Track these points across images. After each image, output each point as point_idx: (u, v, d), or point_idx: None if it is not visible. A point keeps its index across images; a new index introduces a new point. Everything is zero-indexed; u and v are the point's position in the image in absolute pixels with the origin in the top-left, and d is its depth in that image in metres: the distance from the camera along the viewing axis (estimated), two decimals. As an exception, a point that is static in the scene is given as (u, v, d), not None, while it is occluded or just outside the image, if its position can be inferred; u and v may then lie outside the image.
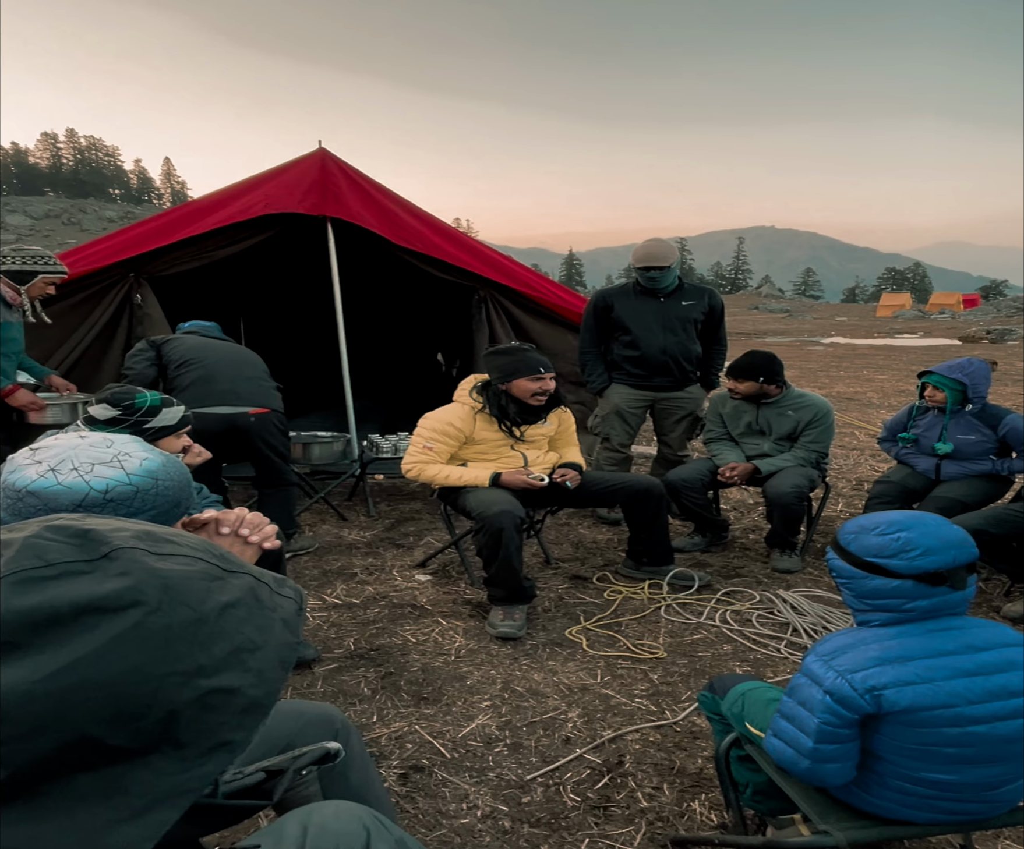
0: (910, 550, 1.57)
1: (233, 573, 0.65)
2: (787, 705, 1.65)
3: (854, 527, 1.70)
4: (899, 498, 3.95)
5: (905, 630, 1.60)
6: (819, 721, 1.54)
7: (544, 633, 3.26)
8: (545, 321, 5.82)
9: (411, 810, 2.14)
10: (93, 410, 2.54)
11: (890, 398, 10.58)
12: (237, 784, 0.95)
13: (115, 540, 0.60)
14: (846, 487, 5.65)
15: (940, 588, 1.57)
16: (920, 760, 1.53)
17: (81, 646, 0.53)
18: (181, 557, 0.62)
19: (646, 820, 2.11)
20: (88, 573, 0.56)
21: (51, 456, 1.26)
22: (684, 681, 2.88)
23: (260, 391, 4.13)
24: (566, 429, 3.87)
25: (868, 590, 1.63)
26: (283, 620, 0.68)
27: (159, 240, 5.05)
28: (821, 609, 3.42)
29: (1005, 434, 3.78)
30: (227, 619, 0.61)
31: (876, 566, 1.61)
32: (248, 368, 4.21)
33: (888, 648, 1.56)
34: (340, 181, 5.33)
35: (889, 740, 1.55)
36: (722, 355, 4.81)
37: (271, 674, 0.64)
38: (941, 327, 30.20)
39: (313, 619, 3.39)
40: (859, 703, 1.51)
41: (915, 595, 1.58)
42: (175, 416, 2.63)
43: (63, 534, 0.59)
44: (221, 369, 4.06)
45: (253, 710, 0.62)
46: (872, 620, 1.65)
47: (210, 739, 0.59)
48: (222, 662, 0.60)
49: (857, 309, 57.26)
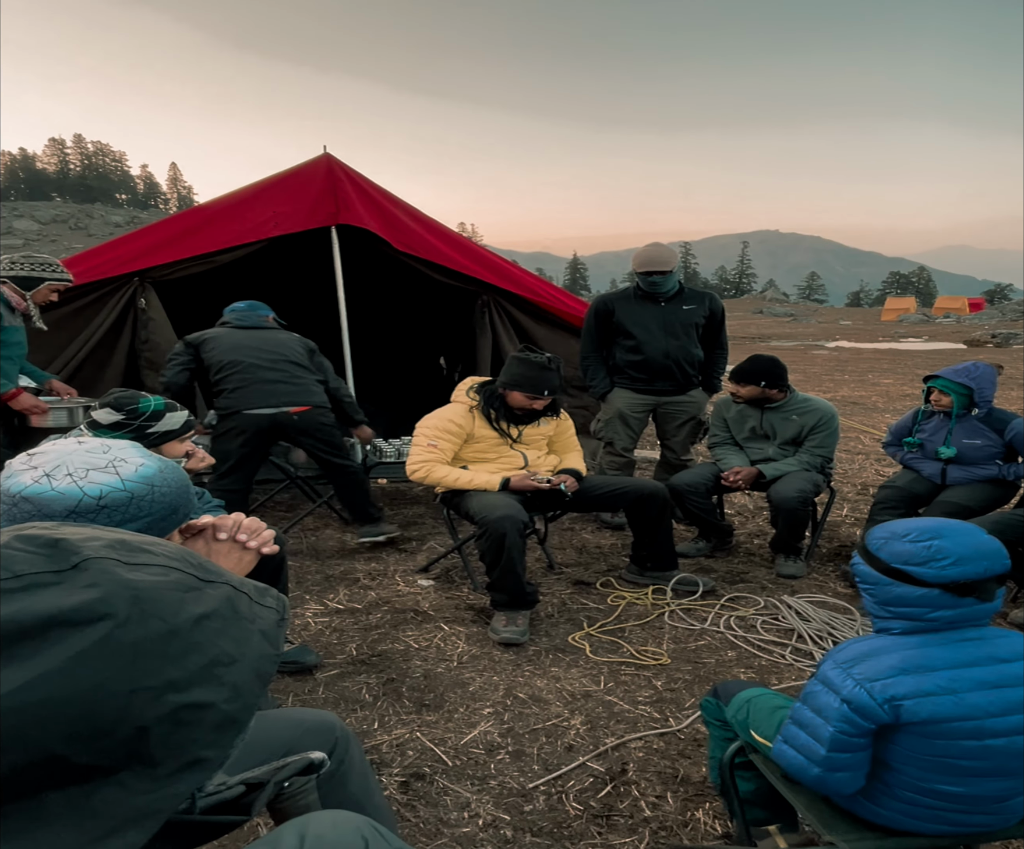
0: (941, 558, 1.52)
1: (210, 583, 0.64)
2: (800, 712, 1.62)
3: (885, 532, 1.65)
4: (904, 503, 3.92)
5: (928, 639, 1.55)
6: (834, 729, 1.51)
7: (547, 639, 3.24)
8: (548, 326, 5.82)
9: (412, 818, 2.12)
10: (97, 414, 2.55)
11: (895, 402, 10.54)
12: (218, 797, 0.93)
13: (86, 550, 0.58)
14: (851, 492, 5.63)
15: (967, 599, 1.53)
16: (933, 771, 1.51)
17: (47, 661, 0.51)
18: (155, 567, 0.61)
19: (649, 829, 2.08)
20: (56, 584, 0.55)
21: (47, 461, 1.25)
22: (688, 688, 2.85)
23: (299, 388, 4.18)
24: (564, 432, 3.87)
25: (891, 597, 1.59)
26: (262, 632, 0.66)
27: (167, 253, 5.08)
28: (826, 615, 3.39)
29: (1011, 439, 3.75)
30: (201, 631, 0.60)
31: (903, 573, 1.56)
32: (285, 363, 4.22)
33: (909, 657, 1.52)
34: (347, 187, 5.34)
35: (902, 750, 1.52)
36: (724, 359, 4.80)
37: (247, 688, 0.62)
38: (946, 331, 30.13)
39: (315, 624, 3.37)
40: (877, 713, 1.48)
41: (940, 604, 1.53)
42: (179, 420, 2.64)
43: (33, 544, 0.58)
44: (260, 368, 4.13)
45: (228, 726, 0.60)
46: (893, 628, 1.61)
47: (182, 756, 0.57)
48: (195, 676, 0.58)
49: (862, 313, 57.18)
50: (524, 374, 3.54)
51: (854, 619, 3.38)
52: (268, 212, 5.23)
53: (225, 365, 4.11)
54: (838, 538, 4.56)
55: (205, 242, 5.15)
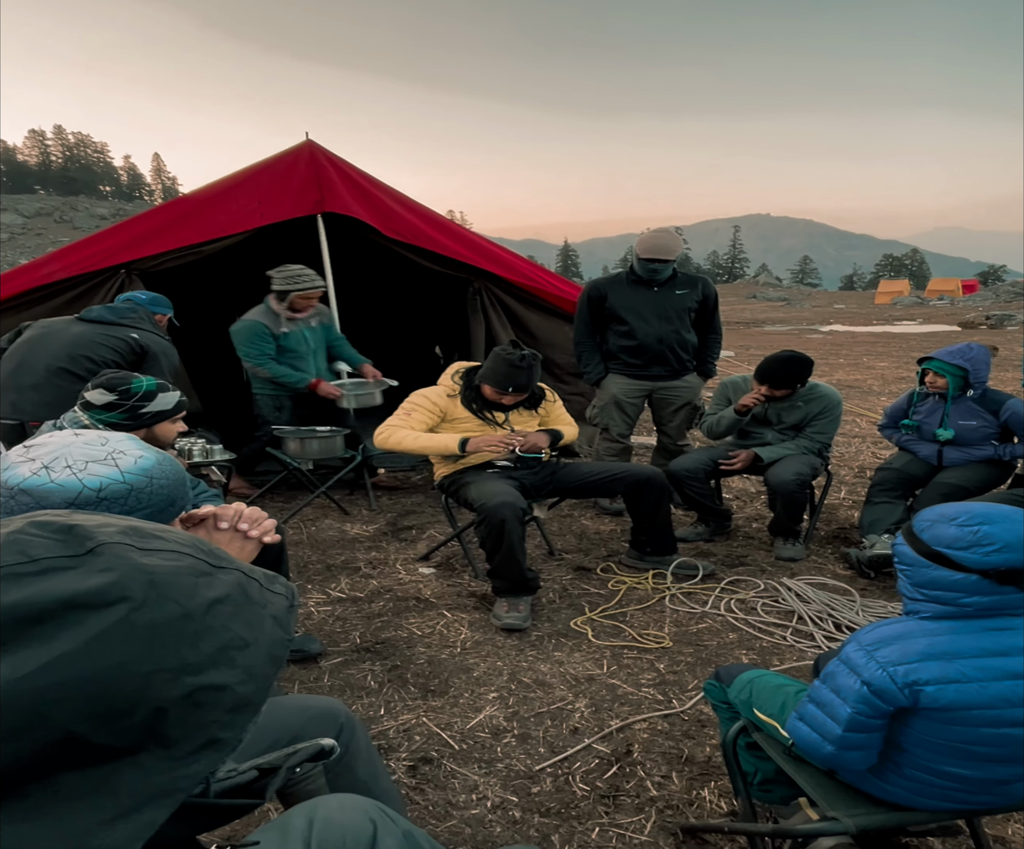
0: (986, 544, 1.49)
1: (221, 569, 0.65)
2: (819, 690, 1.62)
3: (933, 515, 1.61)
4: (901, 485, 3.96)
5: (958, 626, 1.53)
6: (852, 710, 1.52)
7: (549, 624, 3.27)
8: (541, 312, 5.81)
9: (421, 802, 2.14)
10: (90, 395, 2.54)
11: (891, 385, 10.57)
12: (230, 782, 0.95)
13: (100, 535, 0.59)
14: (848, 475, 5.66)
15: (1007, 587, 1.50)
16: (944, 755, 1.51)
17: (66, 642, 0.52)
18: (168, 553, 0.62)
19: (656, 808, 2.11)
20: (73, 569, 0.56)
21: (45, 453, 1.24)
22: (690, 670, 2.88)
23: (39, 401, 3.60)
24: (555, 411, 3.89)
25: (927, 580, 1.56)
26: (273, 617, 0.67)
27: (153, 244, 5.07)
28: (826, 596, 3.42)
29: (1007, 419, 3.78)
30: (215, 615, 0.61)
31: (943, 556, 1.54)
32: (53, 371, 3.67)
33: (937, 643, 1.50)
34: (331, 173, 5.32)
35: (916, 733, 1.52)
36: (718, 344, 4.80)
37: (261, 671, 0.63)
38: (940, 313, 30.17)
39: (318, 613, 3.39)
40: (897, 697, 1.48)
41: (976, 590, 1.51)
42: (171, 401, 2.63)
43: (48, 530, 0.59)
44: (25, 372, 3.69)
45: (243, 707, 0.61)
46: (922, 611, 1.59)
47: (199, 737, 0.58)
48: (210, 659, 0.59)
49: (855, 296, 57.18)
50: (495, 370, 3.59)
51: (853, 600, 3.41)
52: (253, 202, 5.21)
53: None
54: (836, 521, 4.59)
55: (191, 233, 5.14)
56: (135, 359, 3.81)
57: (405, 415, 3.63)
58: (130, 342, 3.80)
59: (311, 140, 5.42)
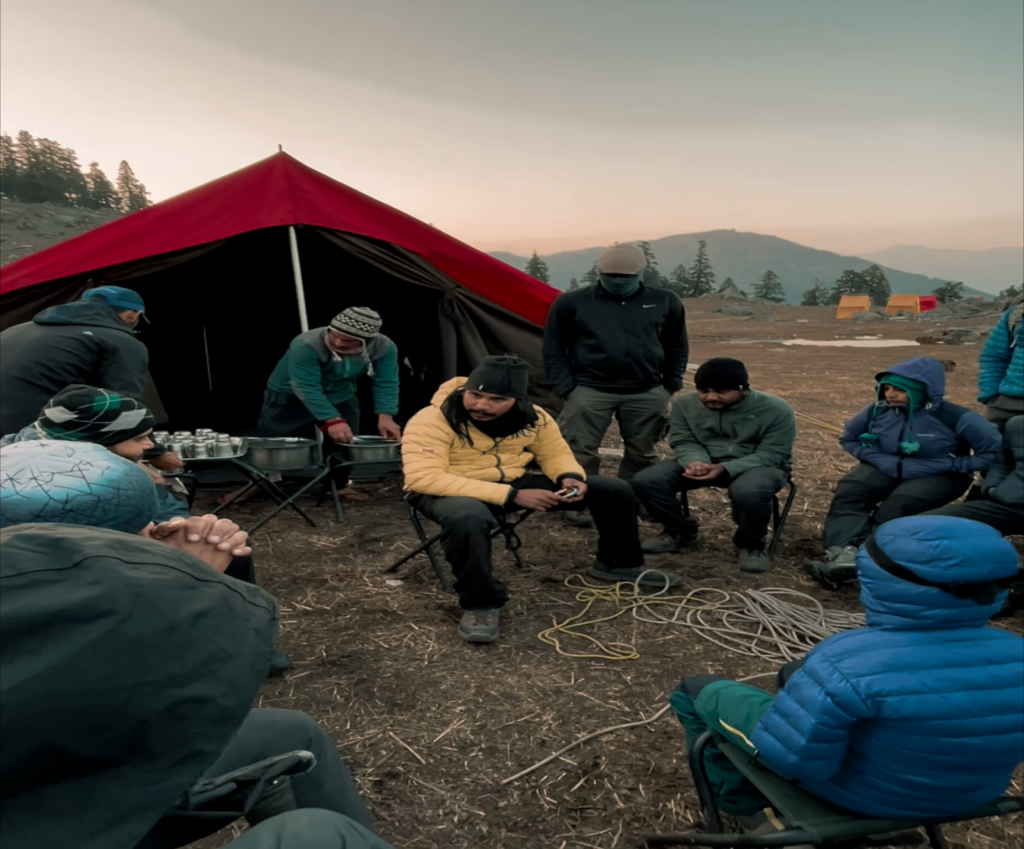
0: (947, 558, 1.50)
1: (206, 582, 0.65)
2: (784, 701, 1.64)
3: (896, 529, 1.62)
4: (864, 497, 4.03)
5: (920, 637, 1.55)
6: (816, 721, 1.53)
7: (517, 636, 3.26)
8: (512, 324, 5.86)
9: (387, 817, 2.12)
10: (50, 412, 2.48)
11: (852, 399, 10.77)
12: (208, 795, 0.94)
13: (87, 549, 0.59)
14: (811, 487, 5.74)
15: (966, 600, 1.51)
16: (906, 764, 1.54)
17: (52, 655, 0.52)
18: (154, 566, 0.62)
19: (623, 821, 2.11)
20: (60, 582, 0.55)
21: (9, 465, 1.22)
22: (657, 681, 2.89)
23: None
24: (549, 436, 3.80)
25: (890, 592, 1.58)
26: (256, 630, 0.68)
27: (122, 253, 5.00)
28: (790, 608, 3.46)
29: (963, 432, 3.88)
30: (199, 628, 0.61)
31: (904, 570, 1.55)
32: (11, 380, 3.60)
33: (898, 654, 1.52)
34: (303, 185, 5.32)
35: (877, 743, 1.54)
36: (684, 357, 4.88)
37: (243, 684, 0.64)
38: (899, 328, 30.84)
39: (284, 627, 3.34)
40: (860, 707, 1.49)
41: (937, 603, 1.52)
42: (135, 420, 2.58)
43: (34, 543, 0.58)
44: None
45: (225, 720, 0.62)
46: (885, 623, 1.60)
47: (181, 750, 0.58)
48: (194, 672, 0.59)
49: (818, 311, 58.22)
50: (476, 371, 3.55)
51: (817, 611, 3.46)
52: (225, 213, 5.19)
53: None
54: (800, 532, 4.65)
55: (160, 242, 5.10)
56: (93, 358, 3.72)
57: (428, 453, 3.46)
58: (84, 340, 3.71)
59: (284, 153, 5.42)
